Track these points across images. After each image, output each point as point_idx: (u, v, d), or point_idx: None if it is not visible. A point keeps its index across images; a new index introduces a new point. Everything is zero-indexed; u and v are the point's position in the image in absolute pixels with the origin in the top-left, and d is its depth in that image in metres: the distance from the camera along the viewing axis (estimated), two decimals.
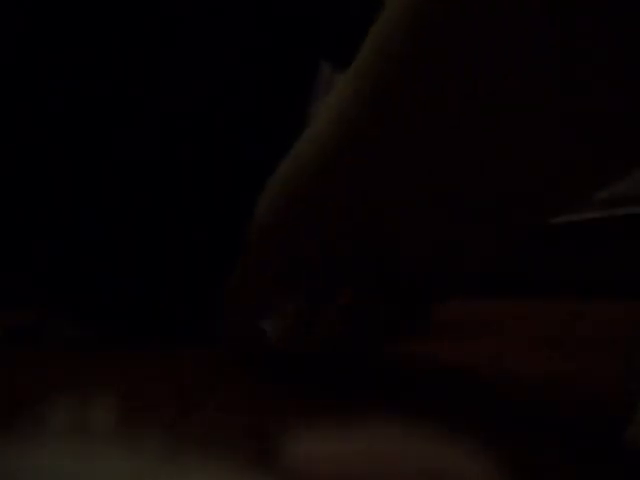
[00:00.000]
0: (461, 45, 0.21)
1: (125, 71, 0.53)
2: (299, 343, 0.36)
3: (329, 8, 0.57)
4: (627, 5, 0.17)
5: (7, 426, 0.19)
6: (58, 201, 0.57)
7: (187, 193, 0.56)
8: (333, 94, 0.28)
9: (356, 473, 0.13)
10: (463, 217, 0.28)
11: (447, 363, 0.45)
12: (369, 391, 0.34)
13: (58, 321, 0.66)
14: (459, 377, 0.39)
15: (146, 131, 0.54)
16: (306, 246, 0.32)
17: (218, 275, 0.56)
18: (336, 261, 0.33)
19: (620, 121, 0.21)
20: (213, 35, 0.53)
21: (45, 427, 0.18)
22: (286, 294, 0.37)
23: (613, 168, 0.24)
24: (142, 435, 0.17)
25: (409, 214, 0.29)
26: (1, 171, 0.56)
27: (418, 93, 0.24)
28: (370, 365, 0.43)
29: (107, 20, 0.51)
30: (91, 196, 0.57)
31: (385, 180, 0.27)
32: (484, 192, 0.26)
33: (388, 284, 0.35)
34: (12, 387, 0.38)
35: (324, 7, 0.56)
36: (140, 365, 0.48)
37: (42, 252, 0.59)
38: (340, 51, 0.55)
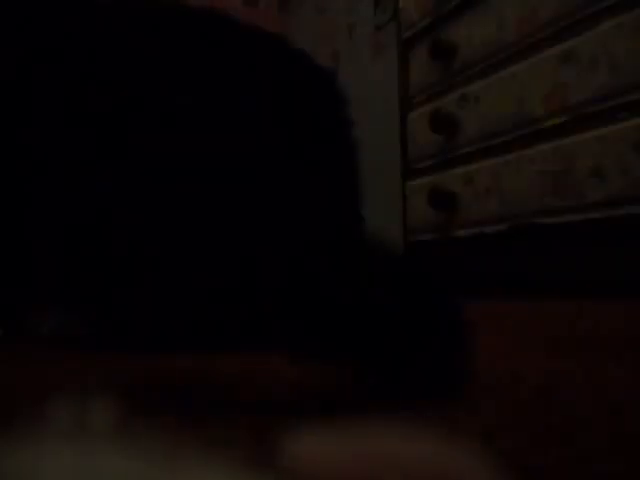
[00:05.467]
0: None
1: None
2: None
3: None
4: None
5: (7, 426, 0.19)
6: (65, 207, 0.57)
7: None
8: None
9: (356, 473, 0.13)
10: None
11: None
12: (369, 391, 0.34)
13: (58, 321, 0.66)
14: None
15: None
16: None
17: (215, 281, 0.56)
18: None
19: None
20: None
21: (45, 427, 0.18)
22: None
23: None
24: (142, 435, 0.17)
25: None
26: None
27: None
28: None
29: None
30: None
31: None
32: None
33: None
34: (12, 387, 0.38)
35: None
36: (140, 365, 0.48)
37: (45, 254, 0.59)
38: None
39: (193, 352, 0.53)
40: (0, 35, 0.58)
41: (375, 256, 0.50)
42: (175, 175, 0.56)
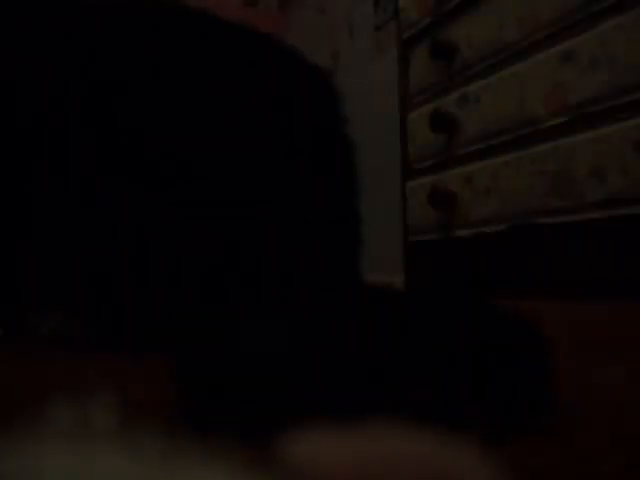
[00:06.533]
0: None
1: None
2: None
3: None
4: None
5: (7, 426, 0.19)
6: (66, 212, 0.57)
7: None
8: None
9: (356, 473, 0.13)
10: None
11: None
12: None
13: (57, 321, 0.66)
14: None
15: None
16: None
17: (216, 283, 0.56)
18: None
19: None
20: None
21: (45, 427, 0.18)
22: None
23: None
24: (142, 435, 0.17)
25: None
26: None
27: None
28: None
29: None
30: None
31: None
32: None
33: None
34: (12, 387, 0.38)
35: None
36: (140, 365, 0.48)
37: (45, 256, 0.59)
38: None
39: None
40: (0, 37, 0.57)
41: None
42: (170, 177, 0.56)
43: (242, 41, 0.59)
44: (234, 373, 0.26)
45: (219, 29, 0.59)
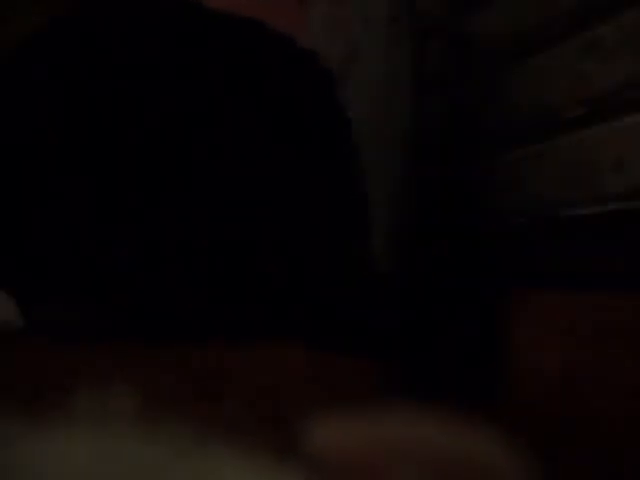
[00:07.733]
0: None
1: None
2: None
3: None
4: None
5: (28, 412, 0.20)
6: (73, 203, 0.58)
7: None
8: None
9: (377, 458, 0.13)
10: None
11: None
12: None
13: (74, 313, 0.67)
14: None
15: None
16: None
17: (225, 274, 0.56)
18: None
19: None
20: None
21: (66, 413, 0.18)
22: None
23: None
24: (159, 421, 0.17)
25: None
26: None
27: None
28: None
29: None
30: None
31: None
32: None
33: None
34: (33, 375, 0.39)
35: None
36: (157, 355, 0.48)
37: (49, 249, 0.60)
38: None
39: (208, 342, 0.53)
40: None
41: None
42: (170, 172, 0.56)
43: (232, 29, 0.59)
44: None
45: (206, 17, 0.59)
